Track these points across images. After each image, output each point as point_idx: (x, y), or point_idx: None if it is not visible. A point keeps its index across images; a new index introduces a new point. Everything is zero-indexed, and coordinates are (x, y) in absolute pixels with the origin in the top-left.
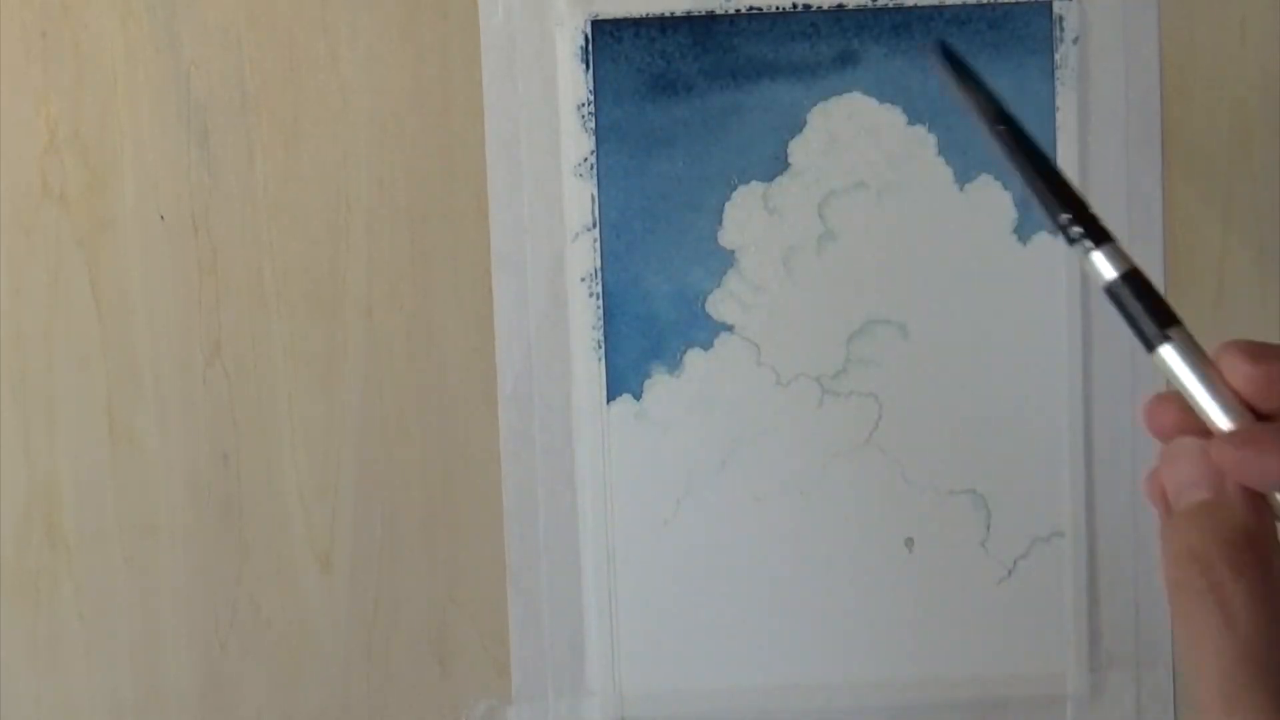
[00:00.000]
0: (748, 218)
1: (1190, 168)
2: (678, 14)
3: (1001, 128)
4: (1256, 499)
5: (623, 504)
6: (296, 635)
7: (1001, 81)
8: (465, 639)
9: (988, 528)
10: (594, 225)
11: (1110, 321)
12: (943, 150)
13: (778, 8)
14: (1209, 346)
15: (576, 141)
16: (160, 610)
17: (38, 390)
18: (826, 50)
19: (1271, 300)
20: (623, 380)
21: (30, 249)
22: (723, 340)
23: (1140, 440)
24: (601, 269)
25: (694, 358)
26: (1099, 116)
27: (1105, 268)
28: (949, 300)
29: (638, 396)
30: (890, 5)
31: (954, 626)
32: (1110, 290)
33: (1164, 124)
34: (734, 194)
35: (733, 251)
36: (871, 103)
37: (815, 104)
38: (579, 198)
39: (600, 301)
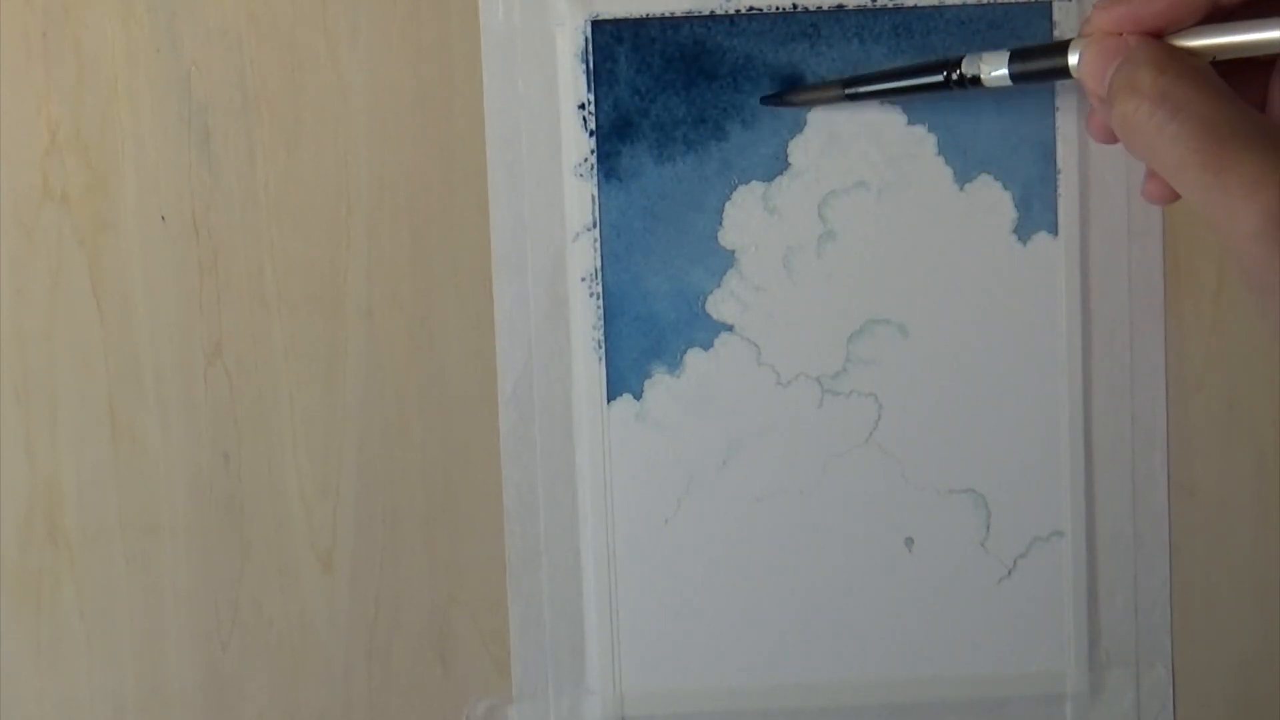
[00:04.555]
0: (748, 218)
1: None
2: (678, 14)
3: (849, 92)
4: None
5: (623, 504)
6: (298, 634)
7: None
8: (466, 638)
9: (987, 527)
10: (594, 225)
11: (1110, 321)
12: (943, 150)
13: (778, 8)
14: (1208, 347)
15: (576, 141)
16: (162, 609)
17: (39, 390)
18: (826, 51)
19: None
20: (623, 380)
21: (31, 249)
22: (723, 340)
23: (1140, 440)
24: (601, 269)
25: (694, 358)
26: None
27: (997, 69)
28: (949, 300)
29: (638, 396)
30: (890, 6)
31: (954, 626)
32: (1016, 74)
33: None
34: (734, 194)
35: (733, 251)
36: (872, 102)
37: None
38: (579, 198)
39: (600, 301)
